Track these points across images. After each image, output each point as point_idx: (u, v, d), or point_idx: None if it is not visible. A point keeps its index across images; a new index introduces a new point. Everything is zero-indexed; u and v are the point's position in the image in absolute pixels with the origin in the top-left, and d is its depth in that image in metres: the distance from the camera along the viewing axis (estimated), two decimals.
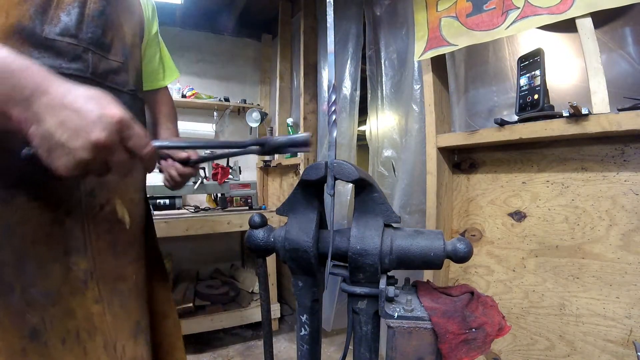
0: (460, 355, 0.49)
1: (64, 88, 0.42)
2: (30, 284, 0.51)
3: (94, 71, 0.60)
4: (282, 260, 0.62)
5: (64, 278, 0.55)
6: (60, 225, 0.55)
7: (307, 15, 2.33)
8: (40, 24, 0.53)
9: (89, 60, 0.59)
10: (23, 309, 0.50)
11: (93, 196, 0.59)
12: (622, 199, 0.95)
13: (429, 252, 0.55)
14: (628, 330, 0.92)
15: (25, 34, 0.52)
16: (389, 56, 1.78)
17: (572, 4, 0.93)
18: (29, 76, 0.41)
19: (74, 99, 0.41)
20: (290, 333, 2.27)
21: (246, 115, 2.76)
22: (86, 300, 0.57)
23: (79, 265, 0.57)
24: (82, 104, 0.40)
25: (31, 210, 0.52)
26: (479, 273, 1.31)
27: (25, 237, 0.52)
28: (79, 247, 0.57)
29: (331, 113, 0.57)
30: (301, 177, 0.60)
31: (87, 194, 0.59)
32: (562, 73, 1.14)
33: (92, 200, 0.59)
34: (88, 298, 0.57)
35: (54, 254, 0.54)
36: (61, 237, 0.55)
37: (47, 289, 0.53)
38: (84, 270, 0.57)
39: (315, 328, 0.65)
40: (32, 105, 0.40)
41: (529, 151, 1.16)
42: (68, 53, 0.56)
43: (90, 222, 0.59)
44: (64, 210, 0.56)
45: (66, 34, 0.56)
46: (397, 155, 1.75)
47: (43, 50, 0.54)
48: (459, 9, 1.20)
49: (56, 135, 0.39)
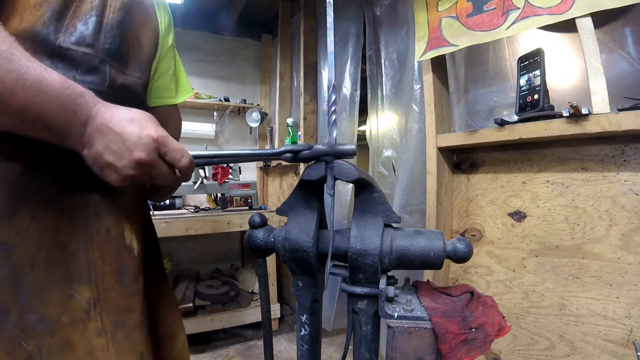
0: (460, 355, 0.49)
1: (110, 112, 0.46)
2: (27, 309, 0.48)
3: (112, 84, 0.57)
4: (282, 260, 0.62)
5: (64, 306, 0.50)
6: (62, 248, 0.52)
7: (307, 15, 2.33)
8: (54, 31, 0.50)
9: (106, 73, 0.56)
10: (18, 335, 0.47)
11: (100, 218, 0.56)
12: (622, 199, 0.95)
13: (429, 252, 0.55)
14: (628, 330, 0.92)
15: (39, 40, 0.49)
16: (389, 56, 1.78)
17: (572, 4, 0.93)
18: (84, 103, 0.45)
19: (117, 123, 0.46)
20: (290, 333, 2.27)
21: (246, 115, 2.76)
22: (88, 332, 0.52)
23: (82, 294, 0.52)
24: (123, 127, 0.46)
25: (31, 231, 0.49)
26: (479, 273, 1.31)
27: (23, 258, 0.48)
28: (82, 273, 0.53)
29: (331, 113, 0.57)
30: (301, 177, 0.60)
31: (93, 215, 0.55)
32: (562, 73, 1.14)
33: (97, 222, 0.55)
34: (90, 330, 0.52)
35: (54, 279, 0.50)
36: (63, 261, 0.51)
37: (45, 316, 0.49)
38: (86, 299, 0.53)
39: (315, 328, 0.65)
40: (86, 130, 0.46)
41: (529, 151, 1.16)
42: (83, 64, 0.54)
43: (95, 246, 0.55)
44: (67, 233, 0.52)
45: (82, 44, 0.53)
46: (397, 155, 1.75)
47: (57, 59, 0.51)
48: (459, 9, 1.20)
49: (104, 156, 0.46)
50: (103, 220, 0.56)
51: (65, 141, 0.46)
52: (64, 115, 0.44)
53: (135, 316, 0.58)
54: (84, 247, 0.53)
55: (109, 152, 0.46)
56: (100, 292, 0.54)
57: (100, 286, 0.54)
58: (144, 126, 0.47)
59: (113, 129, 0.45)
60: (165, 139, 0.48)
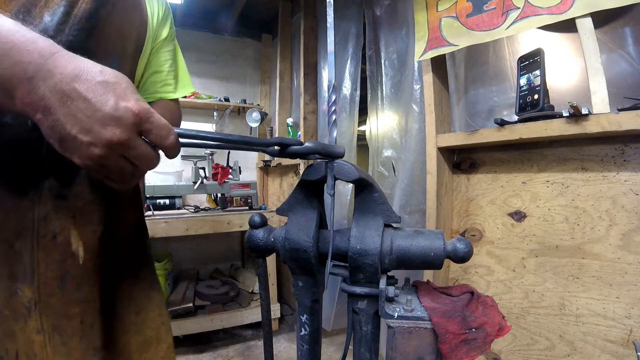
0: (461, 355, 0.49)
1: (73, 66, 0.36)
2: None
3: None
4: (282, 260, 0.62)
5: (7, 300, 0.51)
6: (9, 246, 0.51)
7: (307, 15, 2.33)
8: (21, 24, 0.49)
9: None
10: None
11: (46, 221, 0.53)
12: (622, 199, 0.95)
13: (429, 252, 0.54)
14: (628, 330, 0.92)
15: None
16: (389, 56, 1.78)
17: (572, 4, 0.93)
18: (34, 51, 0.35)
19: (86, 85, 0.36)
20: (290, 333, 2.27)
21: (246, 115, 2.76)
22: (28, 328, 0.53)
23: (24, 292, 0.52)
24: (94, 92, 0.36)
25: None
26: (479, 273, 1.31)
27: None
28: (25, 273, 0.52)
29: (331, 113, 0.57)
30: (301, 177, 0.60)
31: (40, 218, 0.53)
32: (562, 73, 1.14)
33: (44, 226, 0.53)
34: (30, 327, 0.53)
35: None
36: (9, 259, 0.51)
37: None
38: (28, 299, 0.52)
39: (315, 328, 0.65)
40: (37, 89, 0.35)
41: (529, 151, 1.16)
42: None
43: (40, 249, 0.53)
44: (13, 232, 0.51)
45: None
46: (397, 155, 1.75)
47: None
48: (459, 9, 1.20)
49: (66, 126, 0.36)
50: (50, 225, 0.54)
51: (14, 104, 0.37)
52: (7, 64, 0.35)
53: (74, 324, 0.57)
54: (30, 249, 0.52)
55: (72, 122, 0.36)
56: (41, 295, 0.53)
57: (42, 290, 0.53)
58: (121, 95, 0.37)
59: (79, 91, 0.36)
60: (147, 112, 0.39)
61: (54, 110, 0.36)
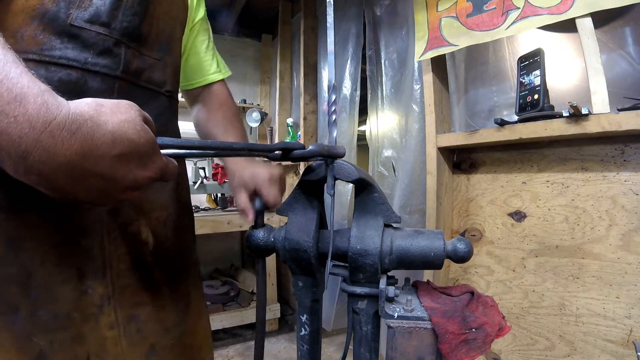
0: (460, 355, 0.49)
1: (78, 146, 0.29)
2: (37, 306, 0.46)
3: (126, 69, 0.51)
4: (282, 260, 0.62)
5: (76, 302, 0.50)
6: (74, 245, 0.50)
7: (307, 15, 2.33)
8: (66, 7, 0.44)
9: (120, 55, 0.50)
10: (29, 332, 0.46)
11: (116, 214, 0.53)
12: (622, 199, 0.95)
13: (429, 252, 0.54)
14: (628, 330, 0.92)
15: (47, 18, 0.43)
16: (389, 56, 1.78)
17: (572, 4, 0.93)
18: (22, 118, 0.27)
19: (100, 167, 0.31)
20: (290, 333, 2.27)
21: (246, 115, 2.76)
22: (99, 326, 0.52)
23: (96, 289, 0.51)
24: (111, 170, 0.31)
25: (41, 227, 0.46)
26: (479, 273, 1.31)
27: (34, 255, 0.46)
28: (96, 270, 0.51)
29: (331, 113, 0.57)
30: (301, 177, 0.60)
31: (108, 212, 0.52)
32: (562, 73, 1.14)
33: (114, 219, 0.53)
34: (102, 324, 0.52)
35: (66, 276, 0.49)
36: (76, 258, 0.50)
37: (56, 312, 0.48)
38: (100, 295, 0.52)
39: (315, 328, 0.65)
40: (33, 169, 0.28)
41: (529, 151, 1.16)
42: (96, 45, 0.47)
43: (111, 243, 0.53)
44: (79, 230, 0.50)
45: (96, 22, 0.47)
46: (397, 155, 1.75)
47: (67, 39, 0.45)
48: (459, 9, 1.20)
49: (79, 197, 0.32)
50: (120, 217, 0.54)
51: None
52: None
53: (148, 309, 0.58)
54: (99, 244, 0.52)
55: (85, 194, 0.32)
56: (115, 289, 0.54)
57: (116, 283, 0.54)
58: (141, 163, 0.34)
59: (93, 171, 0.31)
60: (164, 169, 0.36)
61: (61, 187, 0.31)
